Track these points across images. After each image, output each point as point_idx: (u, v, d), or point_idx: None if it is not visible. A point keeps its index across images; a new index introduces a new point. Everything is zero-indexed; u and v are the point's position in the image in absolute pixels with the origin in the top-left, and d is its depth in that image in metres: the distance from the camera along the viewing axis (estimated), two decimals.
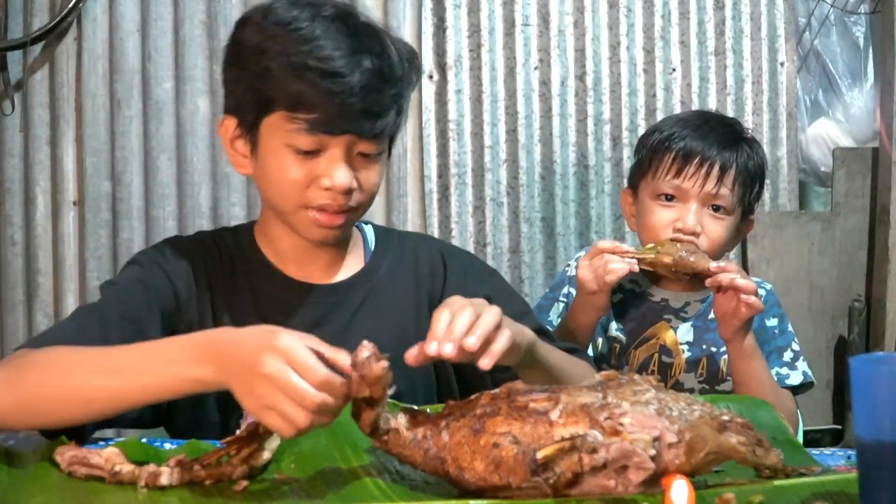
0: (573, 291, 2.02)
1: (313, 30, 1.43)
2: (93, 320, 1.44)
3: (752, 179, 2.01)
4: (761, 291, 2.07)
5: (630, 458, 1.11)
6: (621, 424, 1.11)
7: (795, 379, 2.03)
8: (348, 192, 1.47)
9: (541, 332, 1.59)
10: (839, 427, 3.38)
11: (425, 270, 1.67)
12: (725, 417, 1.17)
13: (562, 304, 2.08)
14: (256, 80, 1.45)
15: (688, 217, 1.94)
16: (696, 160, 1.94)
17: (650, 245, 1.93)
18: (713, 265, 1.85)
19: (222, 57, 1.55)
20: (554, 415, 1.12)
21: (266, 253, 1.60)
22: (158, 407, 1.50)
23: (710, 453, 1.13)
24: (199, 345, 1.19)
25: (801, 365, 2.05)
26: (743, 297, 1.80)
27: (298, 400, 1.09)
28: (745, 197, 2.01)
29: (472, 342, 1.21)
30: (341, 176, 1.45)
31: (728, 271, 1.83)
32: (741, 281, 1.81)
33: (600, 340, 2.06)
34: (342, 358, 1.13)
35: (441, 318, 1.23)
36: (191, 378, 1.19)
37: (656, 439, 1.11)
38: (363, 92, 1.43)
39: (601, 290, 1.87)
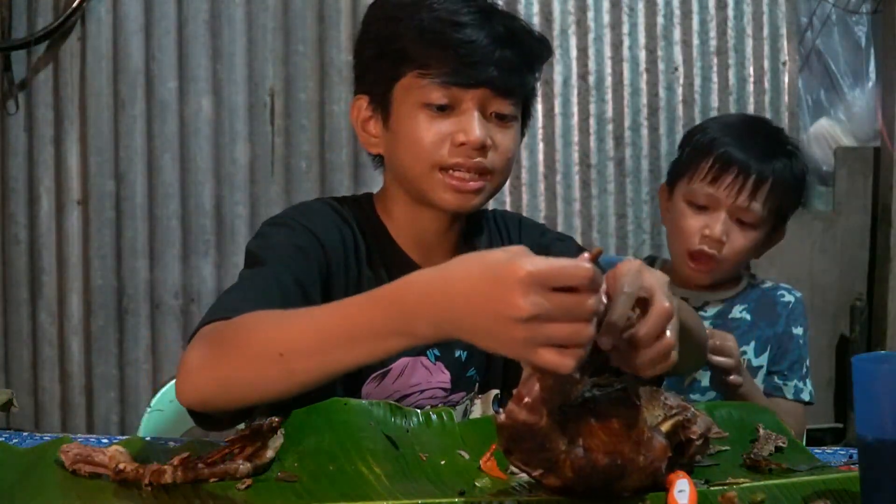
0: None
1: (448, 2, 1.45)
2: (271, 285, 1.36)
3: (788, 191, 2.00)
4: (790, 298, 2.08)
5: (712, 429, 1.17)
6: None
7: (807, 395, 2.05)
8: (483, 148, 1.44)
9: None
10: (841, 426, 3.39)
11: (507, 239, 1.64)
12: None
13: None
14: (387, 45, 1.46)
15: (716, 226, 1.95)
16: (733, 170, 1.94)
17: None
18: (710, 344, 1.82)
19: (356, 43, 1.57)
20: (634, 399, 1.14)
21: (391, 231, 1.55)
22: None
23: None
24: (409, 303, 1.07)
25: (809, 384, 2.07)
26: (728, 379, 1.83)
27: (573, 318, 0.97)
28: (779, 209, 2.00)
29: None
30: (476, 129, 1.43)
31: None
32: (717, 359, 1.82)
33: None
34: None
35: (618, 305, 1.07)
36: (406, 338, 1.08)
37: None
38: (493, 46, 1.43)
39: None
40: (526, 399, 1.03)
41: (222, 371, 1.20)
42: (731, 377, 1.84)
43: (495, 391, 1.58)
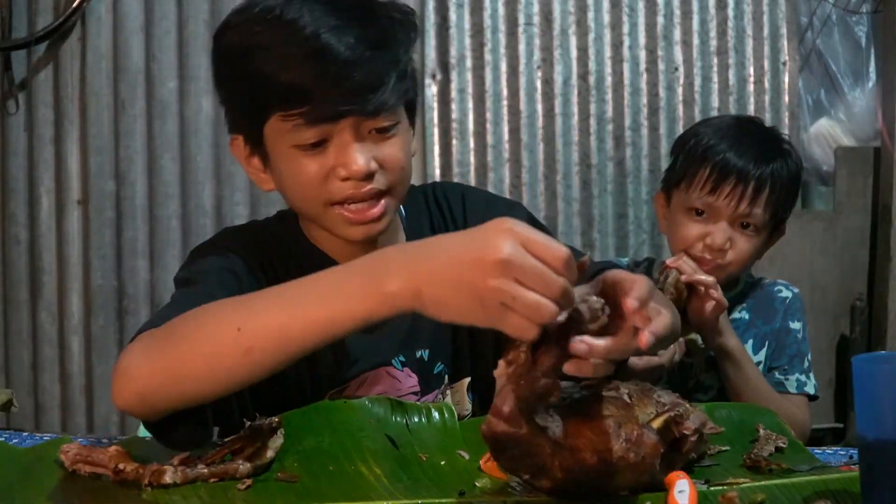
0: None
1: (291, 12, 1.31)
2: (203, 300, 1.25)
3: (786, 191, 1.98)
4: (787, 294, 2.08)
5: (707, 424, 1.17)
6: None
7: (811, 388, 2.05)
8: (369, 175, 1.34)
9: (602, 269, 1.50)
10: (841, 426, 3.39)
11: (448, 216, 1.56)
12: None
13: None
14: (246, 87, 1.35)
15: (717, 235, 1.93)
16: (732, 179, 1.91)
17: None
18: (669, 260, 1.88)
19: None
20: (626, 397, 1.14)
21: (317, 243, 1.49)
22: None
23: None
24: (382, 260, 1.05)
25: (813, 378, 2.06)
26: (709, 292, 1.84)
27: (543, 286, 0.95)
28: (778, 211, 1.99)
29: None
30: (356, 160, 1.33)
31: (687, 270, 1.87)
32: (700, 276, 1.85)
33: None
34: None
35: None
36: (375, 299, 1.04)
37: None
38: (352, 67, 1.30)
39: None
40: (503, 409, 1.04)
41: (167, 361, 1.15)
42: (712, 293, 1.85)
43: (467, 379, 1.56)
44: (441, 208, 1.58)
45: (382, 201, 1.38)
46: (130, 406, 1.18)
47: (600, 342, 1.02)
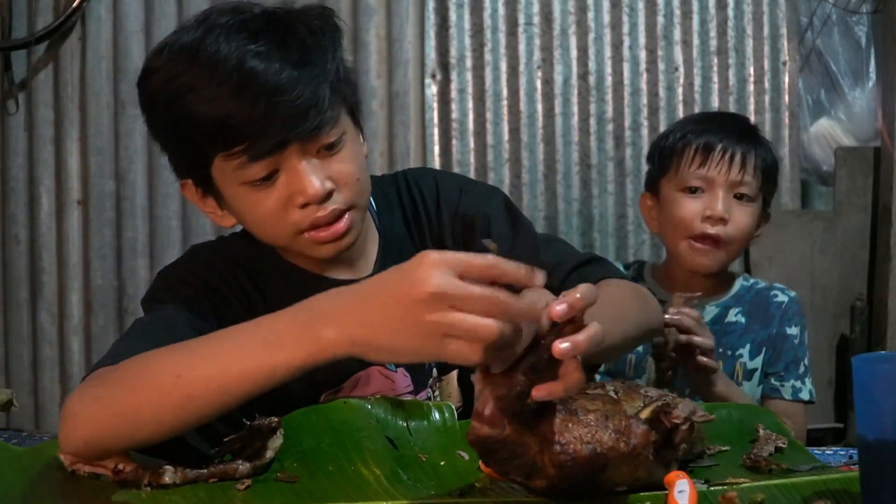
0: None
1: (210, 45, 1.28)
2: (161, 329, 1.28)
3: (770, 172, 2.06)
4: (784, 298, 2.09)
5: (696, 412, 1.18)
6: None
7: (806, 394, 2.05)
8: (327, 196, 1.34)
9: (586, 262, 1.49)
10: (841, 426, 3.39)
11: (421, 206, 1.55)
12: None
13: None
14: (182, 133, 1.33)
15: (716, 204, 1.98)
16: (719, 149, 2.00)
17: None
18: (669, 314, 1.83)
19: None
20: (612, 393, 1.15)
21: (287, 257, 1.48)
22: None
23: None
24: (318, 308, 1.04)
25: (809, 382, 2.07)
26: (699, 358, 1.82)
27: (481, 307, 0.93)
28: (764, 188, 2.06)
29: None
30: (312, 184, 1.32)
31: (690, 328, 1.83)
32: (697, 339, 1.83)
33: None
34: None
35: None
36: (310, 347, 1.04)
37: None
38: (284, 92, 1.28)
39: None
40: (484, 412, 1.03)
41: (114, 408, 1.15)
42: (703, 359, 1.84)
43: (456, 371, 1.56)
44: (413, 197, 1.56)
45: (346, 216, 1.37)
46: (76, 451, 1.18)
47: (580, 336, 0.99)
